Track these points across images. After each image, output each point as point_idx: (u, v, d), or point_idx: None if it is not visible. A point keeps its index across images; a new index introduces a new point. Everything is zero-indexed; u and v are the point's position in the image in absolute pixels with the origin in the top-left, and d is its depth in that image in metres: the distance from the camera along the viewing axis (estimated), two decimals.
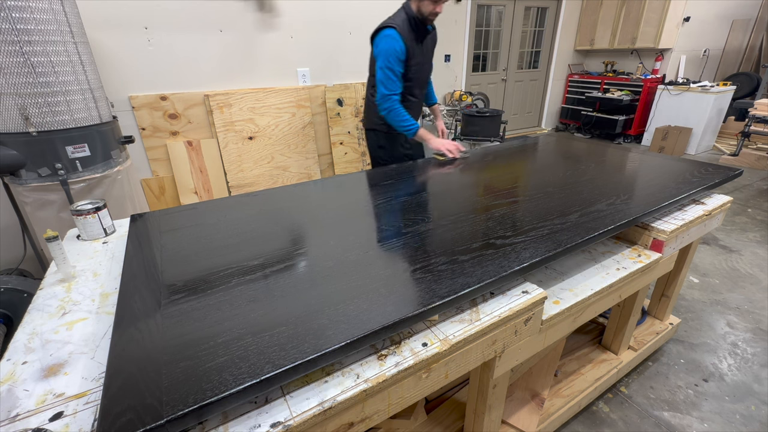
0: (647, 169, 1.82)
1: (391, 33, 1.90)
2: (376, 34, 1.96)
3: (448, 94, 5.59)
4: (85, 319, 0.95)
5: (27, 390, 0.74)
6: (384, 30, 1.92)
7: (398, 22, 1.92)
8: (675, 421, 1.64)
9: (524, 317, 1.02)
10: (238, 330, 0.79)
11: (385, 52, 1.90)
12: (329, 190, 1.68)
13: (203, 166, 3.04)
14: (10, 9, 1.57)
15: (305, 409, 0.71)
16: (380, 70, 1.93)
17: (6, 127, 1.71)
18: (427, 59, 2.17)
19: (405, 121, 2.03)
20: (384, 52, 1.90)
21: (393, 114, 2.00)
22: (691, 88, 5.31)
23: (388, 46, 1.89)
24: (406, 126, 2.03)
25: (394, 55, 1.90)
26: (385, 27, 1.92)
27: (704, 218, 1.55)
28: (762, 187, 4.28)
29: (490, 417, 1.24)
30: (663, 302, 1.97)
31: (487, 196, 1.54)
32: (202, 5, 2.74)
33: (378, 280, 0.97)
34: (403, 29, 1.93)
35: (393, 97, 1.97)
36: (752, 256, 2.92)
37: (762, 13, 6.67)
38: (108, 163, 2.01)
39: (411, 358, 0.83)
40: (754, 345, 2.06)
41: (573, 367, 1.72)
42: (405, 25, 1.94)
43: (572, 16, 6.54)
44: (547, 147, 2.30)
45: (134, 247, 1.17)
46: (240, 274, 1.01)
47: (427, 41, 2.09)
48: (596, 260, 1.37)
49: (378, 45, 1.94)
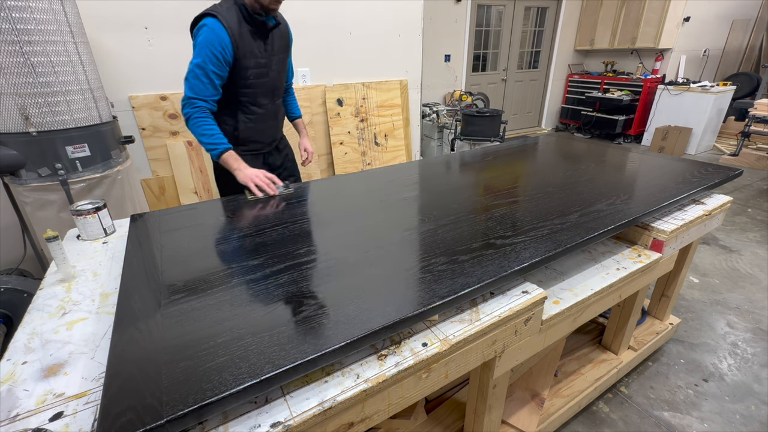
0: (647, 169, 1.82)
1: (211, 23, 1.48)
2: (194, 24, 1.54)
3: (448, 94, 5.59)
4: (85, 319, 0.95)
5: (27, 390, 0.74)
6: (203, 19, 1.50)
7: (221, 11, 1.50)
8: (675, 421, 1.64)
9: (524, 317, 1.02)
10: (238, 330, 0.79)
11: (200, 46, 1.47)
12: (329, 190, 1.67)
13: (203, 166, 3.04)
14: (10, 9, 1.57)
15: (305, 409, 0.71)
16: (190, 67, 1.51)
17: (6, 127, 1.71)
18: (276, 60, 1.71)
19: (209, 135, 1.54)
20: (198, 45, 1.48)
21: (194, 122, 1.53)
22: (691, 88, 5.32)
23: (205, 38, 1.47)
24: (209, 142, 1.54)
25: (209, 50, 1.47)
26: (204, 15, 1.51)
27: (704, 218, 1.55)
28: (762, 187, 4.28)
29: (490, 417, 1.24)
30: (663, 302, 1.97)
31: (487, 196, 1.54)
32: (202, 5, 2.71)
33: (378, 280, 0.97)
34: (229, 20, 1.50)
35: (198, 102, 1.52)
36: (752, 256, 2.92)
37: (762, 13, 6.67)
38: (108, 163, 2.01)
39: (411, 358, 0.83)
40: (754, 345, 2.06)
41: (573, 367, 1.72)
42: (232, 15, 1.51)
43: (572, 16, 6.54)
44: (547, 147, 2.30)
45: (134, 247, 1.17)
46: (240, 274, 1.01)
47: (273, 38, 1.66)
48: (596, 260, 1.37)
49: (195, 37, 1.51)
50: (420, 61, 3.93)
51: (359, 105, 3.67)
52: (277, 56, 1.72)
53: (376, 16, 3.53)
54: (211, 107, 1.57)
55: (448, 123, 4.78)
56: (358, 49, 3.55)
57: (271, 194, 1.55)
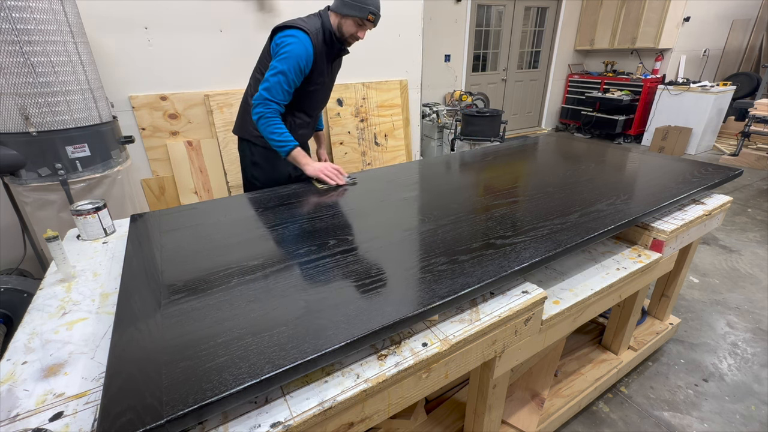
0: (647, 169, 1.82)
1: (304, 37, 1.59)
2: (281, 30, 1.63)
3: (448, 94, 5.59)
4: (85, 319, 0.95)
5: (27, 390, 0.74)
6: (294, 30, 1.60)
7: (311, 29, 1.62)
8: (675, 421, 1.64)
9: (524, 317, 1.02)
10: (238, 330, 0.79)
11: (288, 55, 1.57)
12: (328, 190, 1.67)
13: (203, 166, 3.04)
14: (10, 9, 1.57)
15: (305, 409, 0.71)
16: (272, 69, 1.60)
17: (6, 127, 1.71)
18: (331, 81, 1.88)
19: (279, 133, 1.65)
20: (287, 54, 1.57)
21: (266, 122, 1.63)
22: (691, 88, 5.32)
23: (295, 50, 1.57)
24: (279, 140, 1.65)
25: (296, 61, 1.58)
26: (296, 27, 1.60)
27: (704, 218, 1.55)
28: (762, 187, 4.28)
29: (490, 417, 1.24)
30: (663, 302, 1.97)
31: (487, 196, 1.54)
32: (202, 5, 2.74)
33: (378, 280, 0.97)
34: (317, 38, 1.63)
35: (273, 105, 1.62)
36: (752, 256, 2.92)
37: (762, 13, 6.67)
38: (108, 163, 2.01)
39: (411, 358, 0.83)
40: (754, 345, 2.06)
41: (573, 367, 1.72)
42: (319, 35, 1.65)
43: (572, 16, 6.54)
44: (547, 147, 2.30)
45: (134, 247, 1.17)
46: (240, 274, 1.01)
47: (336, 63, 1.86)
48: (596, 260, 1.37)
49: (283, 43, 1.59)
50: (420, 61, 3.93)
51: (359, 105, 3.67)
52: (333, 77, 1.91)
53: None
54: (281, 110, 1.67)
55: (448, 123, 4.78)
56: (358, 49, 3.54)
57: (340, 184, 1.70)
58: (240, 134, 1.89)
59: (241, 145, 1.91)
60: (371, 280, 0.97)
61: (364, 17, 1.62)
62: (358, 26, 1.66)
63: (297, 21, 1.64)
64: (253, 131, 1.80)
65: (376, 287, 0.94)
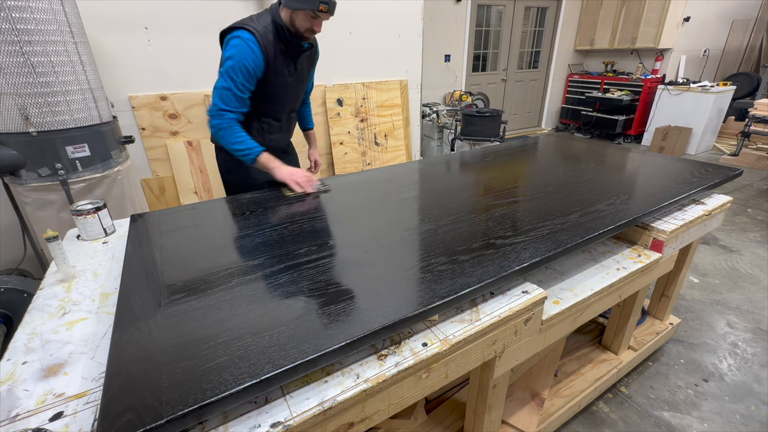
0: (647, 169, 1.82)
1: (248, 37, 1.48)
2: (227, 33, 1.54)
3: (448, 94, 5.59)
4: (85, 319, 0.95)
5: (27, 390, 0.74)
6: (238, 30, 1.50)
7: (259, 27, 1.51)
8: (675, 421, 1.64)
9: (524, 317, 1.02)
10: (238, 330, 0.79)
11: (234, 59, 1.48)
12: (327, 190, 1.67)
13: (203, 166, 3.04)
14: (10, 9, 1.57)
15: (305, 409, 0.71)
16: (220, 78, 1.51)
17: (6, 127, 1.71)
18: (300, 79, 1.75)
19: (241, 143, 1.57)
20: (232, 58, 1.48)
21: (224, 133, 1.56)
22: (691, 88, 5.32)
23: (239, 53, 1.47)
24: (242, 148, 1.57)
25: (243, 64, 1.48)
26: (240, 28, 1.50)
27: (704, 218, 1.55)
28: (762, 187, 4.28)
29: (490, 417, 1.24)
30: (663, 302, 1.97)
31: (487, 196, 1.54)
32: (202, 5, 2.74)
33: (378, 280, 0.97)
34: (265, 37, 1.52)
35: (228, 114, 1.54)
36: (752, 256, 2.92)
37: (762, 13, 6.67)
38: (108, 163, 2.01)
39: (411, 358, 0.83)
40: (754, 345, 2.06)
41: (573, 367, 1.72)
42: (269, 33, 1.53)
43: (572, 16, 6.54)
44: (547, 147, 2.30)
45: (134, 247, 1.17)
46: (240, 274, 1.01)
47: (302, 60, 1.70)
48: (596, 260, 1.37)
49: (227, 47, 1.50)
50: (420, 61, 3.93)
51: (359, 105, 3.67)
52: (302, 74, 1.76)
53: (376, 16, 3.53)
54: (239, 119, 1.58)
55: (448, 123, 4.78)
56: (358, 49, 3.55)
57: (309, 192, 1.61)
58: (214, 142, 1.80)
59: (218, 153, 1.83)
60: (371, 280, 0.97)
61: (315, 9, 1.48)
62: (312, 19, 1.53)
63: (244, 20, 1.54)
64: None
65: (376, 287, 0.94)
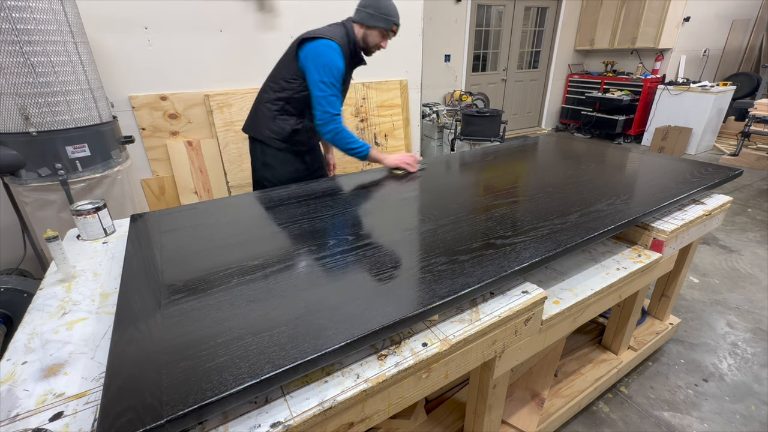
0: (647, 169, 1.82)
1: (336, 47, 1.64)
2: (311, 41, 1.65)
3: (448, 94, 5.59)
4: (85, 319, 0.95)
5: (27, 390, 0.74)
6: (328, 41, 1.64)
7: (342, 41, 1.68)
8: (675, 421, 1.64)
9: (524, 317, 1.02)
10: (238, 330, 0.79)
11: (329, 66, 1.62)
12: (327, 190, 1.67)
13: (203, 166, 3.04)
14: (10, 9, 1.57)
15: (305, 409, 0.71)
16: (322, 85, 1.64)
17: (6, 127, 1.71)
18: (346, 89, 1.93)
19: (354, 142, 1.76)
20: (328, 65, 1.62)
21: (340, 136, 1.74)
22: (691, 88, 5.32)
23: (332, 61, 1.62)
24: (356, 148, 1.76)
25: (337, 70, 1.65)
26: (329, 38, 1.64)
27: (704, 218, 1.55)
28: (762, 187, 4.28)
29: (490, 417, 1.24)
30: (663, 302, 1.97)
31: (487, 196, 1.54)
32: (202, 5, 2.74)
33: (378, 280, 0.97)
34: (346, 49, 1.70)
35: (338, 118, 1.71)
36: (752, 256, 2.92)
37: (762, 13, 6.67)
38: (108, 163, 2.01)
39: (411, 358, 0.83)
40: (754, 345, 2.06)
41: (573, 367, 1.72)
42: (346, 46, 1.71)
43: (572, 16, 6.54)
44: (547, 147, 2.30)
45: (134, 247, 1.17)
46: (240, 274, 1.01)
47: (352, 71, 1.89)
48: (596, 260, 1.37)
49: (319, 55, 1.63)
50: (420, 61, 3.93)
51: (359, 105, 3.67)
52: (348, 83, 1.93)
53: None
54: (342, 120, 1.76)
55: (448, 123, 4.78)
56: None
57: (416, 170, 1.84)
58: (252, 134, 1.89)
59: (252, 145, 1.92)
60: (371, 280, 0.97)
61: (389, 28, 1.70)
62: (383, 37, 1.73)
63: (326, 31, 1.68)
64: (265, 132, 1.82)
65: (376, 287, 0.94)
